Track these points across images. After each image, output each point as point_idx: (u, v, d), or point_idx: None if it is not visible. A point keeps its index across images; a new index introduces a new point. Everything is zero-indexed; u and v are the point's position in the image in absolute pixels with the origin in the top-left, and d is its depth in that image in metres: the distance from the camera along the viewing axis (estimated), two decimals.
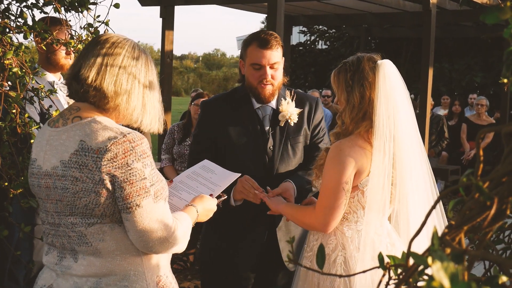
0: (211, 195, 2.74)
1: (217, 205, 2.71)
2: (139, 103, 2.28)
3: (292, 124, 3.41)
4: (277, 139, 3.39)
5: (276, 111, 3.43)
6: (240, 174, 3.06)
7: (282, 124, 3.41)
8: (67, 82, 2.29)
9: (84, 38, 3.52)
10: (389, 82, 2.80)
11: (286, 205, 3.11)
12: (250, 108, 3.41)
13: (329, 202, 2.81)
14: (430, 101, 9.35)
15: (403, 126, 2.83)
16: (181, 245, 2.28)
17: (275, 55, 3.30)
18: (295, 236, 3.44)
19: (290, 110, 3.39)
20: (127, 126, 2.28)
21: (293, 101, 3.42)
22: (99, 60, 2.22)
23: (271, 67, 3.31)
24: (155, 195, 2.16)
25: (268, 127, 3.41)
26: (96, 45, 2.26)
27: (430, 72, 9.09)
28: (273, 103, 3.44)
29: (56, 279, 2.23)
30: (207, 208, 2.60)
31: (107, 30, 3.42)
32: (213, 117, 3.40)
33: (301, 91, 3.70)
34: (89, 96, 2.21)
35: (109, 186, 2.11)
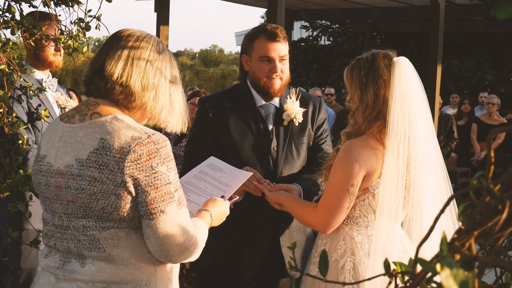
0: (222, 196, 2.73)
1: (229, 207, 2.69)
2: (166, 101, 2.27)
3: (296, 124, 3.41)
4: (281, 139, 3.39)
5: (280, 110, 3.43)
6: (252, 173, 3.06)
7: (286, 123, 3.41)
8: (87, 79, 2.26)
9: (74, 33, 3.51)
10: (405, 80, 2.79)
11: (287, 196, 3.10)
12: (253, 106, 3.41)
13: (332, 203, 2.81)
14: (438, 99, 9.36)
15: (419, 126, 2.82)
16: (198, 254, 2.27)
17: (284, 48, 3.35)
18: (297, 243, 3.44)
19: (295, 109, 3.40)
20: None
21: (298, 100, 3.43)
22: (124, 54, 2.20)
23: (280, 60, 3.34)
24: (178, 200, 2.15)
25: (271, 127, 3.41)
26: (119, 39, 2.25)
27: (439, 69, 9.09)
28: (276, 101, 3.44)
29: (56, 284, 2.19)
30: (220, 212, 2.58)
31: (99, 25, 3.42)
32: (213, 115, 3.39)
33: (304, 90, 3.71)
34: (114, 93, 2.19)
35: (131, 189, 2.08)
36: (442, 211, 0.94)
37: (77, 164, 2.12)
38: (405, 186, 2.80)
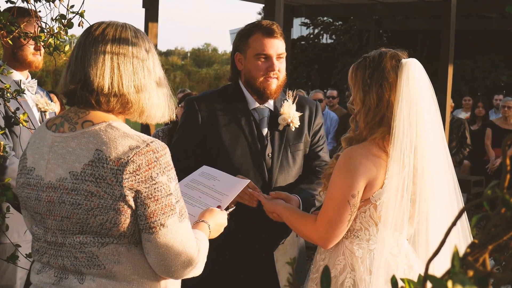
0: (218, 206, 2.73)
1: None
2: (155, 93, 2.26)
3: (293, 129, 3.42)
4: (275, 145, 3.40)
5: (275, 113, 3.44)
6: (249, 181, 3.06)
7: (281, 128, 3.41)
8: (68, 91, 2.22)
9: (56, 31, 3.51)
10: (413, 84, 2.79)
11: (285, 207, 3.10)
12: (246, 109, 3.41)
13: (332, 216, 2.81)
14: (450, 103, 9.38)
15: (428, 137, 2.81)
16: (200, 269, 2.27)
17: (281, 45, 3.37)
18: (291, 257, 3.44)
19: (292, 113, 3.40)
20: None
21: (294, 103, 3.43)
22: (107, 59, 2.17)
23: (278, 58, 3.35)
24: (180, 213, 2.15)
25: (266, 131, 3.42)
26: (96, 42, 2.20)
27: (450, 70, 9.11)
28: (270, 104, 3.45)
29: None
30: (218, 223, 2.58)
31: (82, 22, 3.42)
32: (202, 116, 3.37)
33: (303, 93, 3.73)
34: (110, 104, 2.17)
35: (131, 203, 2.08)
36: (454, 223, 0.94)
37: (71, 178, 2.12)
38: (410, 199, 2.80)
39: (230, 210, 2.83)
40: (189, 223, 2.22)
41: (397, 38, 17.81)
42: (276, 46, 3.33)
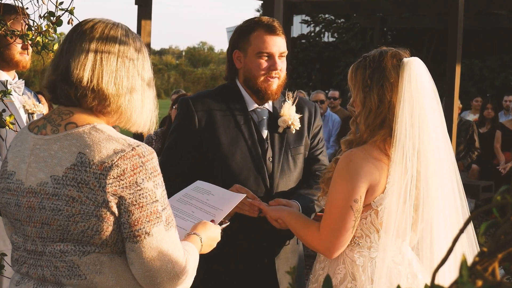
0: (212, 221, 2.72)
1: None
2: (139, 99, 2.26)
3: (293, 132, 3.42)
4: (276, 148, 3.40)
5: (274, 115, 3.44)
6: (245, 195, 3.05)
7: (281, 130, 3.41)
8: (50, 85, 2.24)
9: (44, 29, 3.51)
10: (416, 85, 2.79)
11: (289, 213, 3.10)
12: (244, 110, 3.41)
13: (335, 223, 2.81)
14: (457, 104, 9.38)
15: (431, 140, 2.82)
16: (189, 282, 2.25)
17: (283, 43, 3.38)
18: (292, 265, 3.44)
19: (292, 115, 3.40)
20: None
21: (294, 105, 3.43)
22: (91, 53, 2.18)
23: (280, 57, 3.36)
24: (166, 221, 2.15)
25: (266, 134, 3.42)
26: (83, 35, 2.22)
27: (458, 70, 9.12)
28: (269, 105, 3.45)
29: None
30: (211, 237, 2.56)
31: (72, 20, 3.42)
32: (199, 117, 3.35)
33: (304, 94, 3.74)
34: (87, 100, 2.17)
35: (114, 209, 2.08)
36: (462, 231, 0.94)
37: (52, 182, 2.11)
38: (413, 204, 2.80)
39: (224, 225, 2.81)
40: (177, 232, 2.21)
41: (403, 36, 17.83)
42: (279, 44, 3.34)
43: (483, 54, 16.80)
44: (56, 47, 3.49)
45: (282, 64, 3.36)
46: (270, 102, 3.44)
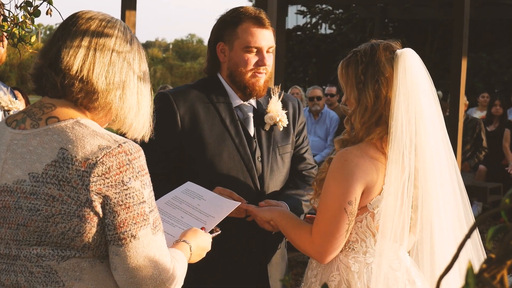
0: (202, 228, 2.72)
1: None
2: (134, 100, 2.27)
3: (280, 129, 3.43)
4: (264, 147, 3.40)
5: (259, 111, 3.44)
6: (240, 202, 3.05)
7: (267, 128, 3.42)
8: (37, 73, 2.25)
9: (20, 20, 3.51)
10: (411, 77, 2.81)
11: (281, 213, 3.10)
12: (229, 106, 3.40)
13: (327, 227, 2.82)
14: (463, 100, 9.40)
15: (428, 133, 2.85)
16: None
17: (272, 37, 3.39)
18: (282, 270, 3.47)
19: (279, 111, 3.40)
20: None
21: (279, 101, 3.44)
22: (85, 42, 2.19)
23: (267, 52, 3.36)
24: (153, 224, 2.15)
25: (253, 132, 3.42)
26: (78, 23, 2.23)
27: (464, 64, 9.13)
28: (253, 101, 3.45)
29: None
30: (201, 246, 2.57)
31: (51, 10, 3.41)
32: (180, 114, 3.32)
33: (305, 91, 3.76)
34: (73, 90, 2.17)
35: (98, 209, 2.08)
36: (467, 236, 0.94)
37: (30, 180, 2.10)
38: (411, 205, 2.81)
39: (215, 234, 2.81)
40: (164, 237, 2.21)
41: (405, 28, 17.85)
42: (267, 38, 3.34)
43: (491, 47, 16.84)
44: (33, 39, 3.49)
45: (270, 59, 3.36)
46: (255, 98, 3.44)
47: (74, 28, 2.22)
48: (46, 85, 2.22)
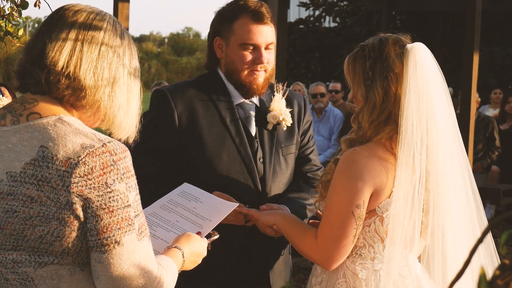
0: (198, 233, 2.71)
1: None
2: (124, 98, 2.26)
3: (284, 128, 3.42)
4: (266, 147, 3.40)
5: (262, 110, 3.44)
6: (238, 204, 3.04)
7: (270, 127, 3.41)
8: (21, 69, 2.23)
9: (7, 12, 3.51)
10: (422, 73, 2.81)
11: (284, 217, 3.10)
12: (230, 104, 3.39)
13: (334, 231, 2.82)
14: (475, 97, 9.40)
15: (440, 133, 2.84)
16: None
17: (271, 33, 3.36)
18: (285, 277, 3.47)
19: (283, 110, 3.39)
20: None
21: (283, 98, 3.42)
22: (72, 36, 2.18)
23: (266, 48, 3.34)
24: (139, 229, 2.13)
25: (255, 131, 3.42)
26: (65, 17, 2.22)
27: (476, 59, 9.13)
28: (255, 99, 3.44)
29: None
30: (195, 252, 2.56)
31: (39, 2, 3.41)
32: (178, 113, 3.31)
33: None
34: (59, 87, 2.16)
35: (79, 212, 2.06)
36: (480, 241, 0.94)
37: (8, 179, 2.09)
38: (422, 209, 2.81)
39: (213, 238, 2.81)
40: (150, 243, 2.20)
41: (413, 21, 17.85)
42: (266, 35, 3.32)
43: (505, 41, 16.83)
44: (21, 32, 3.49)
45: (269, 56, 3.34)
46: (257, 96, 3.43)
47: (60, 21, 2.21)
48: (30, 82, 2.21)
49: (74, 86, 2.17)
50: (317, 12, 19.95)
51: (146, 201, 2.78)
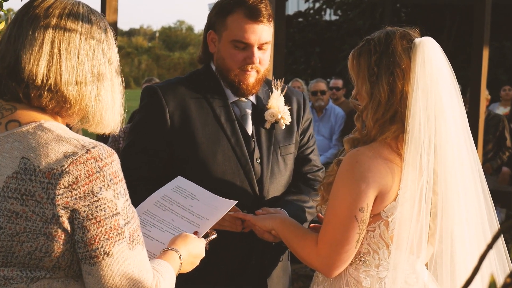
0: (195, 233, 2.71)
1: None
2: (110, 98, 2.25)
3: (282, 127, 3.42)
4: (264, 147, 3.40)
5: (259, 108, 3.43)
6: (236, 201, 3.03)
7: (268, 126, 3.41)
8: None
9: None
10: (431, 70, 2.81)
11: (282, 221, 3.10)
12: (224, 102, 3.39)
13: (336, 236, 2.82)
14: (485, 95, 9.41)
15: (449, 132, 2.84)
16: None
17: (267, 32, 3.32)
18: (284, 285, 3.47)
19: (281, 107, 3.39)
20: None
21: (282, 95, 3.41)
22: (47, 42, 2.14)
23: (260, 48, 3.31)
24: (130, 238, 2.12)
25: (251, 130, 3.41)
26: (36, 18, 2.18)
27: (485, 54, 9.14)
28: (252, 96, 3.44)
29: None
30: (193, 253, 2.56)
31: None
32: (170, 112, 3.30)
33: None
34: (42, 100, 2.14)
35: (66, 225, 2.05)
36: (490, 246, 0.94)
37: None
38: (430, 213, 2.81)
39: (211, 238, 2.81)
40: (145, 250, 2.19)
41: (419, 14, 17.86)
42: (260, 33, 3.29)
43: None
44: (2, 26, 3.48)
45: (262, 56, 3.32)
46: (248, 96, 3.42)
47: (32, 25, 2.17)
48: (5, 93, 2.18)
49: (57, 99, 2.16)
50: (317, 4, 19.95)
51: (137, 205, 2.79)
